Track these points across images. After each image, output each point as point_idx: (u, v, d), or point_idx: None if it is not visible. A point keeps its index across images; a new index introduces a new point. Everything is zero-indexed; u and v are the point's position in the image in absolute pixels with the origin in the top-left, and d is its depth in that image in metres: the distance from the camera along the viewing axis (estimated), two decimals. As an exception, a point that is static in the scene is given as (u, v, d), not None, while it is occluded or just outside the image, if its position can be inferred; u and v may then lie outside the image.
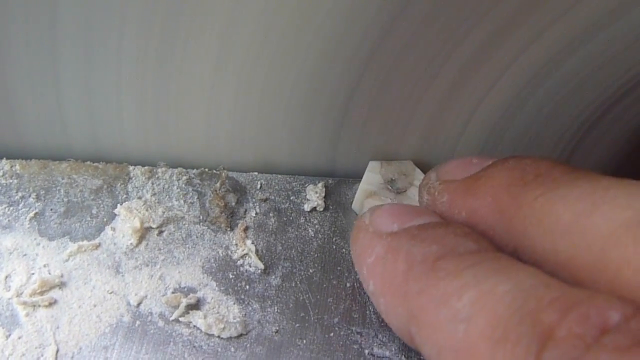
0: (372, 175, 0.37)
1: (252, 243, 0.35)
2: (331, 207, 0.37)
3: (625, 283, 0.19)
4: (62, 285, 0.32)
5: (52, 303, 0.32)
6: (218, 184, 0.36)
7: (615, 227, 0.20)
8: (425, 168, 0.38)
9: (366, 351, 0.31)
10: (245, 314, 0.32)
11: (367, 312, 0.32)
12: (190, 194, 0.37)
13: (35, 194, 0.35)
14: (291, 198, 0.37)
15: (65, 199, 0.35)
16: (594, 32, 0.31)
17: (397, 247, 0.25)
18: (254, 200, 0.37)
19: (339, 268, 0.34)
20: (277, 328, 0.32)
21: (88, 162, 0.37)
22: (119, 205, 0.35)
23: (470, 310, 0.20)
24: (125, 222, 0.35)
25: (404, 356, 0.31)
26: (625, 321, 0.16)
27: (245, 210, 0.36)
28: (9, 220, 0.34)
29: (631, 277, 0.19)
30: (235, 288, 0.33)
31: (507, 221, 0.24)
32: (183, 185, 0.37)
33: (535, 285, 0.19)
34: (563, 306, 0.18)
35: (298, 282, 0.34)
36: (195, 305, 0.32)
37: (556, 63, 0.32)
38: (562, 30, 0.30)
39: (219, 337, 0.31)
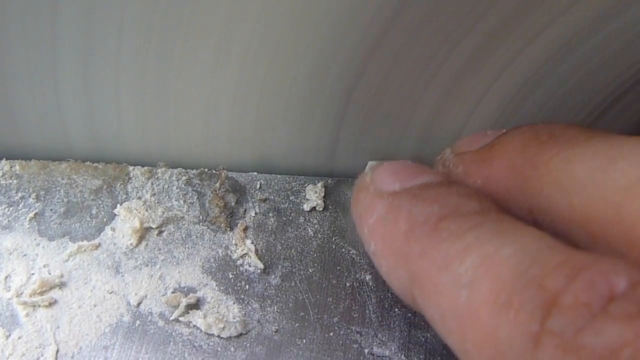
0: None
1: (252, 243, 0.35)
2: (331, 207, 0.37)
3: None
4: (62, 285, 0.32)
5: (52, 303, 0.32)
6: (217, 184, 0.36)
7: (631, 181, 0.19)
8: (426, 163, 0.38)
9: (366, 350, 0.31)
10: (245, 314, 0.32)
11: (367, 311, 0.33)
12: (190, 194, 0.37)
13: (35, 194, 0.35)
14: (290, 198, 0.37)
15: (65, 199, 0.36)
16: (596, 28, 0.31)
17: (398, 207, 0.24)
18: (253, 200, 0.37)
19: (338, 268, 0.34)
20: (277, 327, 0.32)
21: (88, 163, 0.37)
22: (118, 205, 0.35)
23: (472, 275, 0.19)
24: (125, 222, 0.35)
25: (404, 355, 0.31)
26: (632, 288, 0.16)
27: (245, 210, 0.37)
28: (8, 221, 0.34)
29: None
30: (235, 288, 0.33)
31: (523, 182, 0.24)
32: (183, 186, 0.37)
33: (540, 249, 0.19)
34: (568, 271, 0.17)
35: (298, 282, 0.34)
36: (195, 305, 0.32)
37: (556, 61, 0.33)
38: (563, 28, 0.30)
39: (218, 336, 0.31)
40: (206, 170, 0.38)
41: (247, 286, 0.33)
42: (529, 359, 0.17)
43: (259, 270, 0.34)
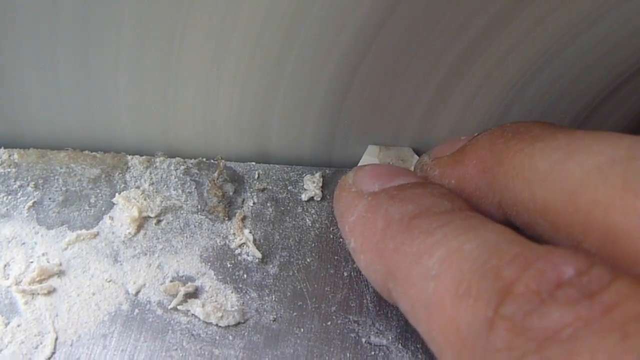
0: (370, 159, 0.38)
1: (250, 232, 0.35)
2: (328, 197, 0.37)
3: (595, 224, 0.20)
4: (60, 273, 0.32)
5: (50, 291, 0.32)
6: (216, 174, 0.36)
7: (586, 171, 0.21)
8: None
9: (363, 339, 0.31)
10: (243, 303, 0.32)
11: (364, 300, 0.33)
12: (188, 183, 0.37)
13: (33, 182, 0.35)
14: (289, 188, 0.37)
15: (64, 188, 0.36)
16: (591, 22, 0.31)
17: (376, 206, 0.26)
18: (251, 190, 0.37)
19: (336, 257, 0.34)
20: (275, 316, 0.32)
21: (86, 152, 0.37)
22: (117, 194, 0.35)
23: (439, 268, 0.21)
24: (124, 211, 0.35)
25: (401, 344, 0.31)
26: (577, 276, 0.18)
27: (243, 200, 0.37)
28: (7, 209, 0.34)
29: (600, 218, 0.20)
30: (233, 277, 0.33)
31: (491, 178, 0.25)
32: (181, 175, 0.37)
33: (499, 243, 0.21)
34: (522, 263, 0.19)
35: (295, 271, 0.34)
36: (194, 294, 0.32)
37: (554, 52, 0.33)
38: (562, 17, 0.31)
39: (217, 325, 0.31)
40: (204, 159, 0.38)
41: (245, 275, 0.33)
42: (484, 342, 0.18)
43: (257, 260, 0.34)
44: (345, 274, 0.34)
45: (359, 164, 0.38)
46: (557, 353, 0.16)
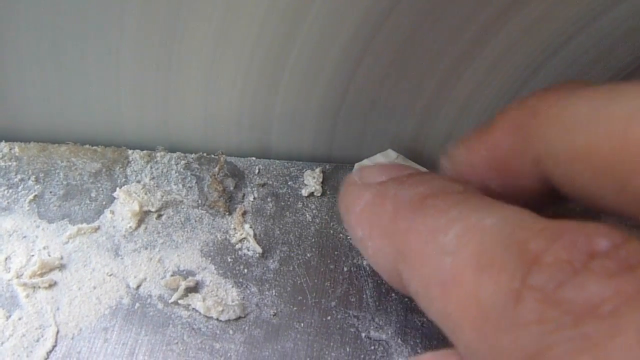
0: (382, 160, 0.38)
1: (250, 227, 0.35)
2: (328, 192, 0.37)
3: None
4: (61, 267, 0.33)
5: (52, 285, 0.32)
6: (216, 169, 0.37)
7: (635, 109, 0.19)
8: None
9: (363, 334, 0.32)
10: (244, 297, 0.33)
11: (364, 295, 0.33)
12: (189, 178, 0.37)
13: (34, 176, 0.36)
14: (289, 183, 0.38)
15: (65, 182, 0.36)
16: (591, 19, 0.31)
17: (385, 192, 0.25)
18: (252, 185, 0.37)
19: (336, 252, 0.34)
20: (275, 311, 0.32)
21: (87, 146, 0.37)
22: (118, 188, 0.35)
23: (457, 243, 0.20)
24: (125, 206, 0.35)
25: (400, 339, 0.31)
26: (614, 248, 0.16)
27: (244, 195, 0.37)
28: (8, 203, 0.34)
29: None
30: (234, 271, 0.33)
31: (525, 133, 0.24)
32: (182, 170, 0.37)
33: (523, 218, 0.19)
34: (550, 234, 0.17)
35: (296, 266, 0.34)
36: (194, 288, 0.33)
37: (553, 51, 0.33)
38: (561, 16, 0.31)
39: (217, 319, 0.32)
40: (205, 154, 0.38)
41: (245, 270, 0.34)
42: (510, 314, 0.17)
43: (257, 255, 0.34)
44: (345, 269, 0.34)
45: (369, 159, 0.37)
46: (598, 329, 0.15)
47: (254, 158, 0.39)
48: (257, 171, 0.38)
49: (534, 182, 0.24)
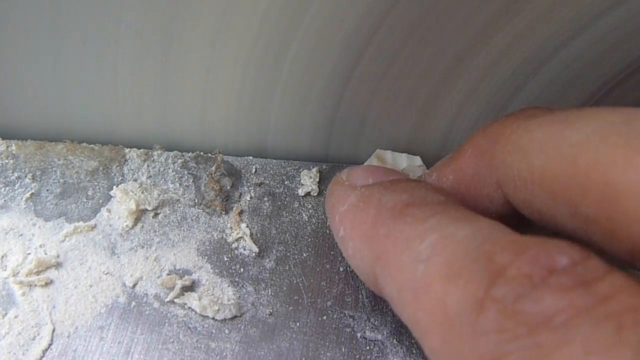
0: (375, 162, 0.38)
1: (247, 226, 0.35)
2: (325, 192, 0.37)
3: (594, 184, 0.20)
4: (58, 265, 0.33)
5: (48, 283, 0.32)
6: (213, 168, 0.37)
7: (586, 134, 0.20)
8: (418, 154, 0.38)
9: (358, 334, 0.32)
10: (240, 297, 0.33)
11: (360, 296, 0.33)
12: (186, 177, 0.37)
13: (31, 174, 0.36)
14: (285, 183, 0.38)
15: (61, 180, 0.36)
16: (593, 18, 0.31)
17: (369, 196, 0.26)
18: (248, 184, 0.37)
19: (332, 252, 0.35)
20: (271, 311, 0.32)
21: (84, 144, 0.37)
22: (114, 187, 0.35)
23: (430, 252, 0.21)
24: (121, 204, 0.35)
25: (396, 339, 0.31)
26: (572, 265, 0.18)
27: (240, 194, 0.37)
28: (5, 201, 0.34)
29: (600, 177, 0.19)
30: (230, 271, 0.34)
31: (488, 158, 0.25)
32: (178, 169, 0.37)
33: (493, 232, 0.20)
34: (516, 249, 0.19)
35: (292, 266, 0.34)
36: (190, 287, 0.33)
37: (553, 51, 0.33)
38: (560, 15, 0.31)
39: (213, 318, 0.32)
40: (202, 153, 0.38)
41: (241, 269, 0.34)
42: (473, 322, 0.18)
43: (253, 254, 0.34)
44: (341, 269, 0.34)
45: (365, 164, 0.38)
46: (549, 339, 0.16)
47: (250, 157, 0.39)
48: (254, 170, 0.38)
49: (499, 205, 0.26)
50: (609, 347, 0.15)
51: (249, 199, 0.37)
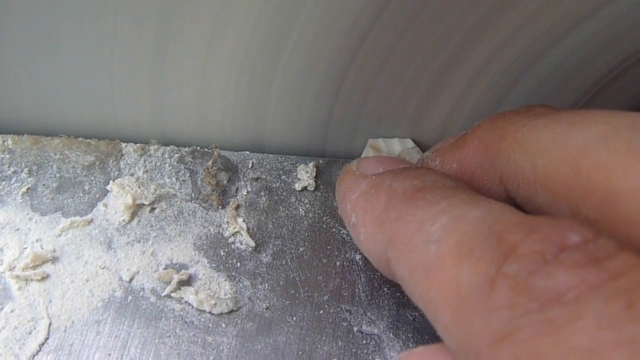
0: (397, 146, 0.38)
1: (244, 221, 0.35)
2: (322, 187, 0.37)
3: (596, 187, 0.20)
4: (54, 260, 0.32)
5: (44, 277, 0.32)
6: (210, 162, 0.37)
7: (589, 138, 0.21)
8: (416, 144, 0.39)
9: (355, 328, 0.32)
10: (236, 291, 0.33)
11: (357, 290, 0.33)
12: (182, 171, 0.37)
13: (27, 169, 0.35)
14: (282, 177, 0.38)
15: (58, 175, 0.36)
16: (590, 13, 0.31)
17: (380, 182, 0.27)
18: (245, 178, 0.37)
19: (329, 247, 0.35)
20: (268, 305, 0.32)
21: (80, 139, 0.37)
22: (111, 181, 0.35)
23: (442, 233, 0.21)
24: (118, 199, 0.35)
25: (392, 333, 0.31)
26: (584, 242, 0.18)
27: (237, 189, 0.37)
28: (1, 195, 0.34)
29: (601, 181, 0.20)
30: (227, 265, 0.34)
31: (493, 154, 0.26)
32: (175, 163, 0.37)
33: (504, 212, 0.21)
34: (527, 228, 0.19)
35: (288, 260, 0.34)
36: (187, 282, 0.33)
37: (550, 44, 0.33)
38: (556, 10, 0.31)
39: (210, 312, 0.32)
40: (199, 148, 0.38)
41: (238, 264, 0.34)
42: (485, 299, 0.18)
43: (250, 248, 0.34)
44: (338, 263, 0.34)
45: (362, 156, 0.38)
46: (560, 314, 0.16)
47: (247, 152, 0.39)
48: (250, 165, 0.38)
49: (501, 200, 0.26)
50: (620, 323, 0.15)
51: (245, 193, 0.37)
